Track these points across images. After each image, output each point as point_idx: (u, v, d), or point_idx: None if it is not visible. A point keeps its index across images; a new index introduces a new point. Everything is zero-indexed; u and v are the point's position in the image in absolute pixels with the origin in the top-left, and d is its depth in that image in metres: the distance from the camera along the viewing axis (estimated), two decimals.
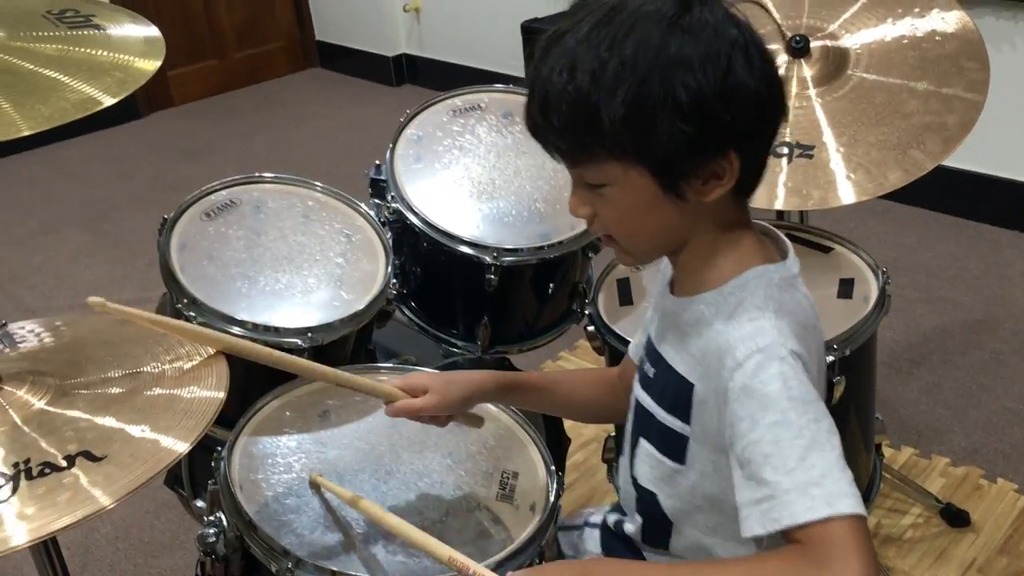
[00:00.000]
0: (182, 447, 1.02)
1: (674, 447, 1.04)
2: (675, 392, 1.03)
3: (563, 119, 0.93)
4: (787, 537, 0.86)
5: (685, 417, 1.02)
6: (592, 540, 1.32)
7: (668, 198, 0.95)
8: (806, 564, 0.83)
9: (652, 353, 1.09)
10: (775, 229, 1.07)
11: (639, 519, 1.15)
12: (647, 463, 1.10)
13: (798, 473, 0.85)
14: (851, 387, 1.46)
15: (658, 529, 1.11)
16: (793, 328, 0.94)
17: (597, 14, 0.92)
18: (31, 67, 1.18)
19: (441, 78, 4.61)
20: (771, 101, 0.95)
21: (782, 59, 1.74)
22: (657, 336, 1.09)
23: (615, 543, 1.22)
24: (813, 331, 1.01)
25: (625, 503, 1.18)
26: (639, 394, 1.11)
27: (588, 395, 1.32)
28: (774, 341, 0.91)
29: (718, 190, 0.95)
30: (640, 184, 0.94)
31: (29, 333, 1.27)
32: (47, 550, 1.26)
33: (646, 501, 1.11)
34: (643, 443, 1.10)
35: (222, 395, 1.11)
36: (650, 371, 1.09)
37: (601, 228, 1.01)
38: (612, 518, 1.23)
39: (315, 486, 1.25)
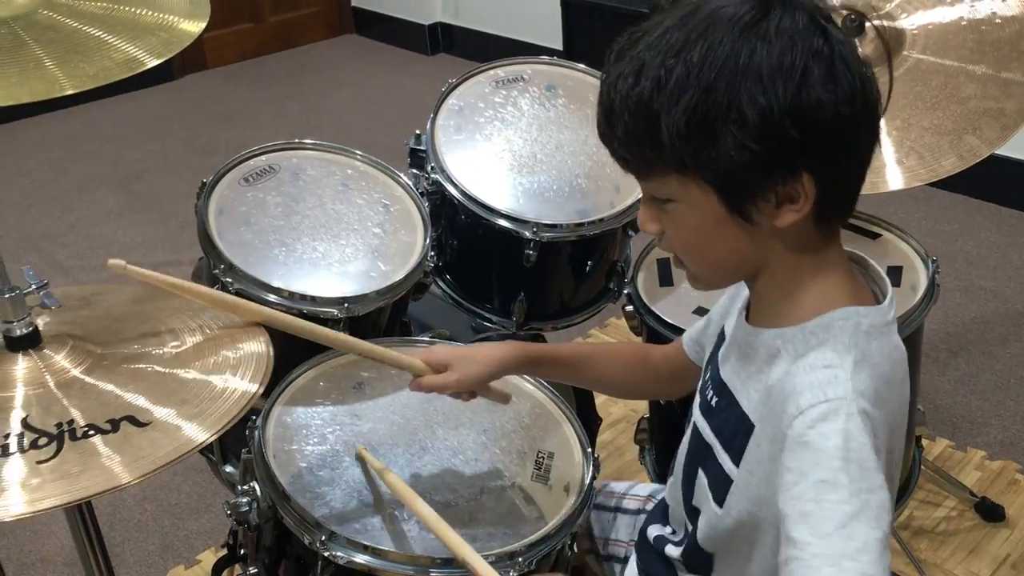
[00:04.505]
0: (212, 431, 1.01)
1: (719, 488, 0.98)
2: (734, 429, 0.96)
3: (625, 127, 0.87)
4: None
5: (737, 459, 0.95)
6: (624, 528, 1.29)
7: (735, 220, 0.88)
8: None
9: (716, 379, 1.02)
10: (875, 264, 0.98)
11: (683, 543, 1.09)
12: (700, 493, 1.03)
13: (834, 540, 0.78)
14: None
15: (700, 559, 1.06)
16: (873, 384, 0.86)
17: (674, 16, 0.86)
18: (75, 25, 1.16)
19: (476, 48, 4.57)
20: (855, 121, 0.85)
21: None
22: (723, 361, 1.02)
23: (653, 560, 1.16)
24: (899, 386, 0.92)
25: (674, 520, 1.14)
26: (699, 421, 1.04)
27: (621, 374, 1.27)
28: (846, 395, 0.83)
29: (791, 215, 0.86)
30: (704, 202, 0.87)
31: (69, 297, 1.26)
32: (80, 508, 1.25)
33: (689, 534, 1.06)
34: (701, 475, 1.03)
35: (259, 387, 1.09)
36: (713, 400, 1.02)
37: (668, 247, 0.95)
38: (654, 532, 1.17)
39: (360, 460, 1.25)
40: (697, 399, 1.07)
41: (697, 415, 1.05)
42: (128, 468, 0.96)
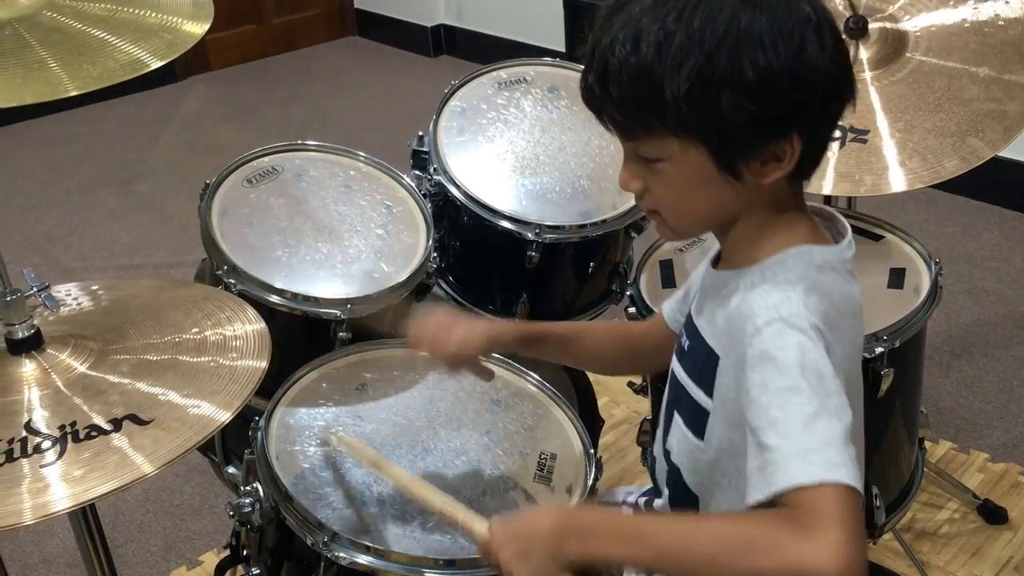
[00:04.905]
0: (225, 415, 1.02)
1: (697, 421, 1.03)
2: (703, 364, 1.01)
3: (623, 91, 0.90)
4: (779, 503, 0.82)
5: (709, 391, 1.00)
6: None
7: (723, 177, 0.92)
8: (785, 529, 0.79)
9: (690, 326, 1.07)
10: (835, 212, 1.03)
11: (667, 491, 1.13)
12: (676, 436, 1.08)
13: (801, 438, 0.82)
14: (899, 380, 1.43)
15: (685, 503, 1.09)
16: (822, 307, 0.91)
17: None
18: (79, 26, 1.16)
19: (479, 50, 4.57)
20: (840, 83, 0.92)
21: None
22: (696, 310, 1.07)
23: None
24: (850, 319, 0.97)
25: (658, 477, 1.16)
26: (675, 366, 1.09)
27: (609, 350, 1.30)
28: (798, 312, 0.89)
29: (777, 172, 0.92)
30: (697, 162, 0.92)
31: (69, 296, 1.27)
32: (83, 509, 1.26)
33: (673, 475, 1.10)
34: (676, 416, 1.08)
35: (264, 364, 1.10)
36: (686, 343, 1.07)
37: (651, 203, 0.99)
38: (643, 500, 1.21)
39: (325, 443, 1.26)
40: (675, 348, 1.11)
41: (674, 361, 1.10)
42: (132, 468, 0.96)
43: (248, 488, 1.22)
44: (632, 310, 1.59)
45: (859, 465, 0.84)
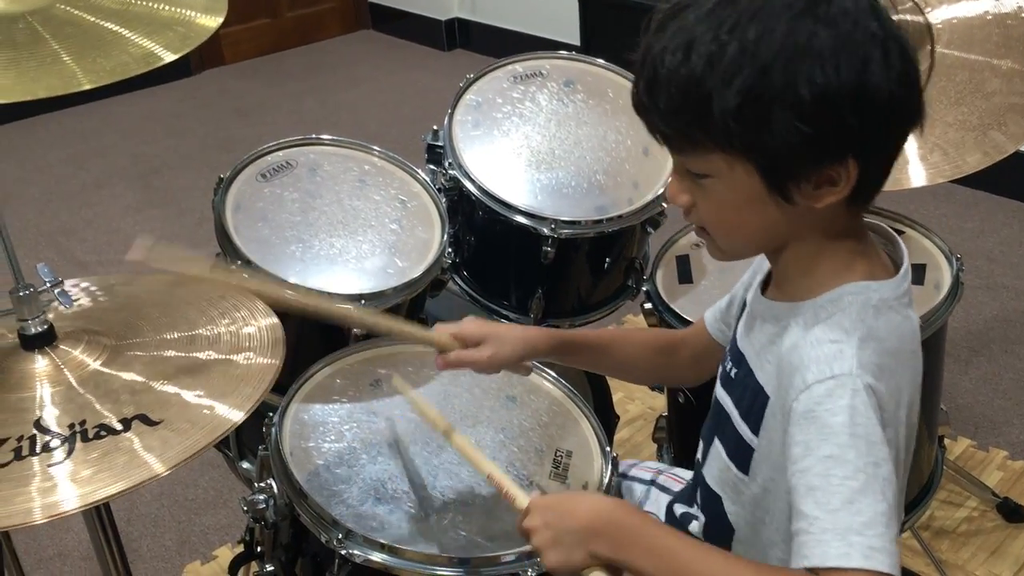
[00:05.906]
0: (238, 415, 1.01)
1: (741, 455, 1.00)
2: (752, 399, 0.97)
3: (671, 103, 0.85)
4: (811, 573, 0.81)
5: (755, 428, 0.97)
6: (662, 504, 1.28)
7: (773, 199, 0.87)
8: None
9: (735, 352, 1.03)
10: (896, 235, 0.98)
11: (703, 518, 1.11)
12: (716, 464, 1.06)
13: (841, 515, 0.80)
14: None
15: (720, 532, 1.07)
16: (879, 358, 0.86)
17: None
18: (92, 20, 1.15)
19: (493, 44, 4.55)
20: (906, 106, 0.85)
21: None
22: (742, 335, 1.03)
23: None
24: (909, 358, 0.93)
25: (697, 497, 1.14)
26: (719, 392, 1.06)
27: (643, 359, 1.27)
28: (851, 371, 0.85)
29: (830, 197, 0.87)
30: (745, 181, 0.87)
31: (83, 291, 1.26)
32: (97, 506, 1.25)
33: (712, 502, 1.07)
34: (716, 443, 1.05)
35: (278, 362, 1.09)
36: (732, 371, 1.03)
37: (697, 220, 0.95)
38: (680, 509, 1.19)
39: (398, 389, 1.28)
40: (719, 371, 1.08)
41: (718, 387, 1.07)
42: (140, 468, 0.95)
43: (262, 484, 1.21)
44: (648, 306, 1.58)
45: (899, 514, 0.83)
